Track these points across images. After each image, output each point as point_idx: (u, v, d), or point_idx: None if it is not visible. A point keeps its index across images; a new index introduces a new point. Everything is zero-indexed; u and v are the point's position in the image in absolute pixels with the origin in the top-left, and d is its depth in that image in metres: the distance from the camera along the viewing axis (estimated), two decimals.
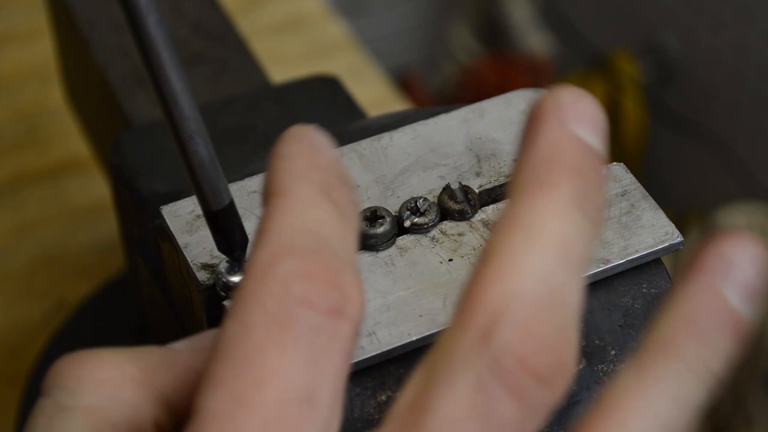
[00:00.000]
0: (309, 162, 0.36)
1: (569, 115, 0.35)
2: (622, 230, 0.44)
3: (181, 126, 0.38)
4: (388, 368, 0.42)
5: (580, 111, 0.35)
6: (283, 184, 0.36)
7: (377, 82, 0.94)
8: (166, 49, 0.36)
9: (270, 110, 0.60)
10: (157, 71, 0.36)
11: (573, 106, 0.35)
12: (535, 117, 0.35)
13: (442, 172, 0.46)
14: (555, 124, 0.35)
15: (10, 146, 0.88)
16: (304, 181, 0.36)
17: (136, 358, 0.38)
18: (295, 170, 0.36)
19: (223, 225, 0.40)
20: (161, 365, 0.38)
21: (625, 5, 1.78)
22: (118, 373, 0.37)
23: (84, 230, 0.83)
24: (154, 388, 0.38)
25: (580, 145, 0.35)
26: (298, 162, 0.36)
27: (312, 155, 0.36)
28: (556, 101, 0.35)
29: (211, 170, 0.39)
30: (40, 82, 0.92)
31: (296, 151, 0.36)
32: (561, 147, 0.35)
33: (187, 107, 0.37)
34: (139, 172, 0.55)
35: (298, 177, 0.36)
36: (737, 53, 1.60)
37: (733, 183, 1.65)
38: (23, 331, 0.77)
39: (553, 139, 0.35)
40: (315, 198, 0.35)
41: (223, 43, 0.66)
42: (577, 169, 0.35)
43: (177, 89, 0.37)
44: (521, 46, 1.88)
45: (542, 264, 0.34)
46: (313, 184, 0.36)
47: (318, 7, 0.99)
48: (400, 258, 0.44)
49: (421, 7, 1.97)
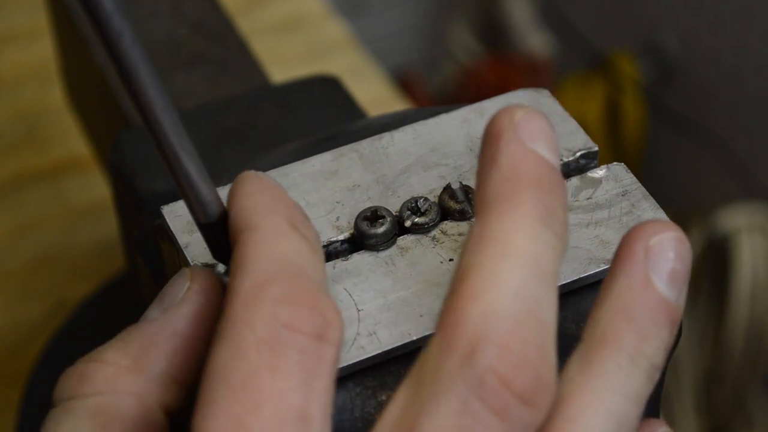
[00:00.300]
0: (272, 197, 0.38)
1: (525, 133, 0.37)
2: (622, 230, 0.44)
3: (164, 144, 0.38)
4: (389, 368, 0.42)
5: (535, 128, 0.37)
6: (252, 219, 0.38)
7: (377, 82, 0.94)
8: (144, 71, 0.36)
9: (270, 110, 0.60)
10: (135, 92, 0.36)
11: (527, 124, 0.37)
12: (493, 135, 0.37)
13: (443, 171, 0.46)
14: (513, 142, 0.36)
15: (10, 146, 0.88)
16: (273, 215, 0.38)
17: (124, 347, 0.40)
18: (261, 206, 0.38)
19: (217, 235, 0.40)
20: (147, 344, 0.40)
21: (625, 5, 1.78)
22: (112, 369, 0.39)
23: (84, 230, 0.83)
24: (149, 370, 0.39)
25: (539, 161, 0.36)
26: (262, 198, 0.38)
27: (273, 192, 0.38)
28: (511, 119, 0.37)
29: (199, 184, 0.39)
30: (40, 82, 0.92)
31: (258, 189, 0.38)
32: (521, 164, 0.36)
33: (169, 124, 0.37)
34: (138, 172, 0.55)
35: (266, 211, 0.38)
36: (737, 53, 1.61)
37: (733, 183, 1.65)
38: (23, 331, 0.77)
39: (513, 157, 0.36)
40: (286, 230, 0.37)
41: (223, 43, 0.66)
42: (539, 184, 0.36)
43: (157, 108, 0.37)
44: (521, 46, 1.88)
45: (517, 281, 0.35)
46: (281, 217, 0.38)
47: (318, 7, 0.99)
48: (400, 258, 0.44)
49: (421, 7, 1.97)
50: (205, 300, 0.40)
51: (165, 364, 0.39)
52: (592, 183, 0.46)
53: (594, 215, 0.45)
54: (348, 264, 0.44)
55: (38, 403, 0.69)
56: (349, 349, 0.41)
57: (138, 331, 0.40)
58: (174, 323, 0.40)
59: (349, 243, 0.45)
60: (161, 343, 0.40)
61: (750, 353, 1.42)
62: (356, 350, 0.41)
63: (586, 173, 0.46)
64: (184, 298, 0.40)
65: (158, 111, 0.37)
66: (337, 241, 0.44)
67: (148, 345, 0.40)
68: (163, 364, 0.39)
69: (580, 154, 0.47)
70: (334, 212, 0.45)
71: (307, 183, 0.46)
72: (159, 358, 0.39)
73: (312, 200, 0.46)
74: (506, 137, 0.36)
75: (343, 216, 0.45)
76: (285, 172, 0.47)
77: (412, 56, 1.98)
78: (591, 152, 0.47)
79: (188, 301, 0.40)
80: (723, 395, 1.46)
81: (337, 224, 0.45)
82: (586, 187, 0.46)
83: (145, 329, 0.40)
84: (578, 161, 0.47)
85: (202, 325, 0.40)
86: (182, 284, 0.41)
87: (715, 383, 1.46)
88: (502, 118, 0.37)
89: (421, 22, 1.99)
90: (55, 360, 0.70)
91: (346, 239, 0.44)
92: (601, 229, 0.44)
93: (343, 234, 0.44)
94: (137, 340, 0.40)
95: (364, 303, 0.42)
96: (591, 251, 0.44)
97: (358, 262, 0.44)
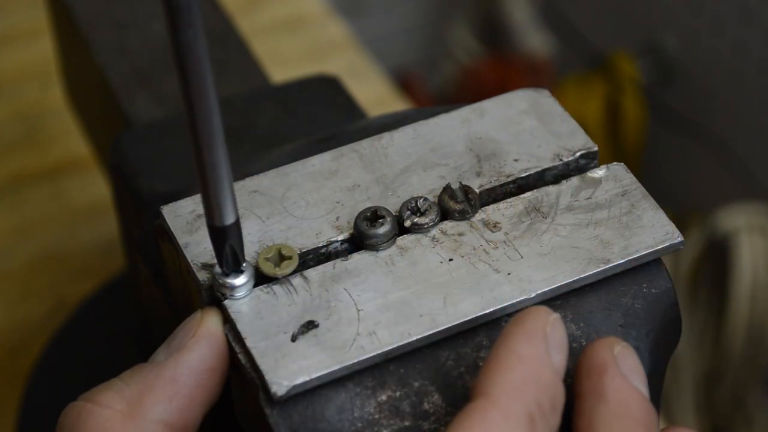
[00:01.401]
0: (528, 377, 0.39)
1: (626, 369, 0.40)
2: (622, 230, 0.44)
3: (207, 144, 0.39)
4: (388, 368, 0.42)
5: (633, 364, 0.40)
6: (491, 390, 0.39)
7: (377, 82, 0.94)
8: (209, 74, 0.38)
9: (270, 110, 0.60)
10: (194, 89, 0.38)
11: (626, 360, 0.40)
12: (596, 367, 0.40)
13: (443, 171, 0.46)
14: (618, 378, 0.40)
15: (10, 146, 0.88)
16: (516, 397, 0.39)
17: (122, 389, 0.41)
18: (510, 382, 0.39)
19: (225, 239, 0.41)
20: (144, 389, 0.41)
21: (625, 5, 1.78)
22: (107, 413, 0.40)
23: (84, 230, 0.83)
24: (141, 416, 0.40)
25: (645, 403, 0.40)
26: (516, 374, 0.39)
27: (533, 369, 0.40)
28: (611, 352, 0.40)
29: (227, 187, 0.40)
30: (40, 82, 0.92)
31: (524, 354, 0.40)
32: (629, 403, 0.39)
33: (218, 126, 0.38)
34: (139, 172, 0.55)
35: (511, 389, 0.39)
36: (737, 53, 1.60)
37: (733, 183, 1.65)
38: (23, 331, 0.77)
39: (620, 393, 0.40)
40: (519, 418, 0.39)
41: (223, 43, 0.66)
42: (647, 427, 0.39)
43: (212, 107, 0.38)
44: (521, 46, 1.88)
45: None
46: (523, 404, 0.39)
47: (318, 7, 0.99)
48: (400, 258, 0.44)
49: (421, 7, 1.97)
50: (208, 349, 0.41)
51: (159, 410, 0.40)
52: (592, 183, 0.46)
53: (594, 215, 0.45)
54: (348, 264, 0.44)
55: (38, 403, 0.69)
56: (349, 349, 0.41)
57: (139, 374, 0.41)
58: (173, 369, 0.41)
59: (349, 243, 0.45)
60: (157, 389, 0.41)
61: (750, 353, 1.42)
62: (356, 350, 0.41)
63: (586, 173, 0.46)
64: (187, 346, 0.41)
65: (213, 110, 0.38)
66: (337, 241, 0.44)
67: (144, 390, 0.41)
68: (158, 410, 0.40)
69: (580, 154, 0.47)
70: (334, 212, 0.45)
71: (307, 183, 0.46)
72: (153, 404, 0.40)
73: (312, 200, 0.46)
74: (611, 372, 0.40)
75: (343, 216, 0.45)
76: (285, 172, 0.47)
77: (412, 56, 1.97)
78: (591, 152, 0.47)
79: (190, 348, 0.41)
80: (723, 395, 1.45)
81: (337, 224, 0.45)
82: (586, 187, 0.46)
83: (145, 373, 0.41)
84: (578, 161, 0.47)
85: (203, 374, 0.41)
86: (191, 328, 0.42)
87: (715, 383, 1.46)
88: (603, 351, 0.40)
89: (421, 22, 1.98)
90: (55, 360, 0.70)
91: (346, 239, 0.44)
92: (601, 229, 0.44)
93: (343, 234, 0.44)
94: (136, 383, 0.41)
95: (364, 303, 0.42)
96: (591, 251, 0.44)
97: (358, 262, 0.44)
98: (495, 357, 0.39)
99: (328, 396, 0.41)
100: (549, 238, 0.44)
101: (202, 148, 0.39)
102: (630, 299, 0.44)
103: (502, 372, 0.38)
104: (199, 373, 0.41)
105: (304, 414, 0.41)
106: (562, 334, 0.40)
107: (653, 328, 0.44)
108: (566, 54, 1.89)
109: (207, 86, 0.38)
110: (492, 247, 0.44)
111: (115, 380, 0.41)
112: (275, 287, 0.43)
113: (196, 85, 0.38)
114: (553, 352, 0.39)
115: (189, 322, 0.42)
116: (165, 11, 0.36)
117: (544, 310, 0.40)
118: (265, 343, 0.41)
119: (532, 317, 0.40)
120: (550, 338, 0.39)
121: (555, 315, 0.40)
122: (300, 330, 0.42)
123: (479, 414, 0.38)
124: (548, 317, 0.40)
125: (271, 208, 0.45)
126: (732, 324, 1.42)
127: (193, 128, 0.38)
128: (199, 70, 0.37)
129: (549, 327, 0.40)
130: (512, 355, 0.39)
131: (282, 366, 0.40)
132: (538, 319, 0.40)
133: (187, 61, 0.37)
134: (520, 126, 0.48)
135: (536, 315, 0.40)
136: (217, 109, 0.38)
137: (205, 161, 0.39)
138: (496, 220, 0.45)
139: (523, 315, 0.40)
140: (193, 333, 0.42)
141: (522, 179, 0.46)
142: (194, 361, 0.41)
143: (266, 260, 0.43)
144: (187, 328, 0.42)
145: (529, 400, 0.38)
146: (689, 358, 1.45)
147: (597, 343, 0.41)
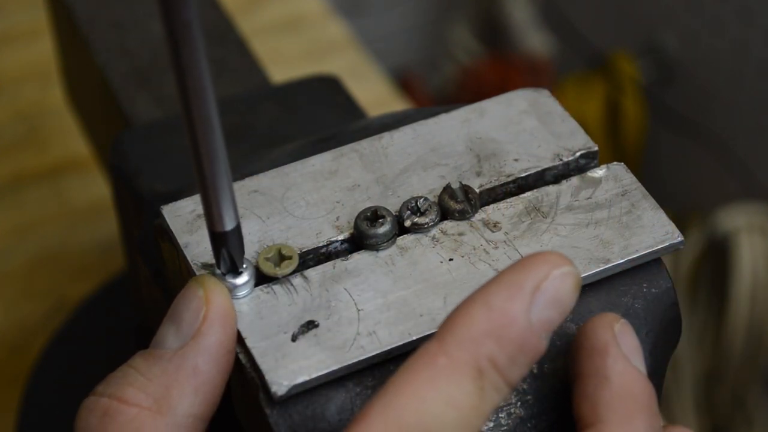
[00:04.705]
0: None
1: (627, 348, 0.40)
2: (622, 230, 0.44)
3: (206, 149, 0.38)
4: (389, 368, 0.42)
5: (632, 343, 0.40)
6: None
7: (377, 82, 0.94)
8: (207, 76, 0.37)
9: (270, 110, 0.60)
10: (192, 93, 0.37)
11: (625, 338, 0.40)
12: (597, 349, 0.40)
13: (443, 171, 0.46)
14: (620, 359, 0.40)
15: (10, 146, 0.88)
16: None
17: (146, 386, 0.40)
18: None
19: (227, 245, 0.41)
20: (169, 383, 0.40)
21: (625, 5, 1.78)
22: (134, 411, 0.39)
23: (84, 230, 0.83)
24: (171, 412, 0.39)
25: (646, 384, 0.40)
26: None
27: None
28: (611, 331, 0.40)
29: (228, 193, 0.40)
30: (40, 82, 0.92)
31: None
32: (632, 385, 0.39)
33: (218, 131, 0.38)
34: (139, 172, 0.55)
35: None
36: (737, 53, 1.60)
37: (733, 183, 1.65)
38: (23, 330, 0.77)
39: (623, 376, 0.39)
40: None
41: (223, 43, 0.66)
42: (650, 409, 0.39)
43: (212, 112, 0.38)
44: (521, 46, 1.88)
45: None
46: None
47: (318, 7, 0.99)
48: (400, 258, 0.44)
49: (421, 7, 1.97)
50: (223, 331, 0.41)
51: (187, 404, 0.40)
52: (592, 183, 0.46)
53: (594, 215, 0.45)
54: (348, 264, 0.44)
55: (38, 404, 0.69)
56: (350, 348, 0.41)
57: (157, 366, 0.40)
58: (194, 359, 0.40)
59: (349, 243, 0.45)
60: (182, 382, 0.40)
61: (750, 353, 1.42)
62: (356, 350, 0.41)
63: (586, 173, 0.46)
64: (202, 331, 0.40)
65: (212, 116, 0.37)
66: (337, 241, 0.44)
67: (170, 384, 0.40)
68: (186, 404, 0.40)
69: (580, 154, 0.47)
70: (334, 212, 0.45)
71: (307, 183, 0.46)
72: (181, 398, 0.40)
73: (312, 200, 0.46)
74: (613, 354, 0.39)
75: (343, 216, 0.45)
76: (285, 171, 0.47)
77: (412, 56, 1.97)
78: (591, 152, 0.47)
79: (206, 334, 0.40)
80: (723, 395, 1.45)
81: (337, 224, 0.45)
82: (586, 187, 0.46)
83: (164, 365, 0.40)
84: (578, 161, 0.47)
85: (222, 358, 0.41)
86: (198, 308, 0.41)
87: (715, 383, 1.46)
88: (603, 330, 0.40)
89: (421, 22, 1.98)
90: (55, 360, 0.70)
91: (346, 239, 0.44)
92: (601, 228, 0.44)
93: (343, 234, 0.44)
94: (158, 377, 0.40)
95: (364, 303, 0.42)
96: (591, 251, 0.44)
97: (358, 261, 0.44)
98: (466, 303, 0.38)
99: (328, 396, 0.41)
100: (549, 238, 0.44)
101: (202, 157, 0.39)
102: (630, 299, 0.44)
103: (463, 320, 0.37)
104: (219, 358, 0.40)
105: (304, 414, 0.41)
106: (564, 291, 0.38)
107: (653, 328, 0.44)
108: (566, 54, 1.89)
109: (207, 100, 0.37)
110: (492, 246, 0.44)
111: (130, 372, 0.40)
112: (275, 287, 0.43)
113: (195, 100, 0.37)
114: (541, 308, 0.37)
115: (193, 299, 0.41)
116: (160, 16, 0.36)
117: (552, 261, 0.38)
118: (265, 342, 0.41)
119: (526, 268, 0.38)
120: (545, 293, 0.37)
121: (563, 270, 0.38)
122: (300, 330, 0.42)
123: (428, 357, 0.37)
124: (552, 271, 0.37)
125: (271, 208, 0.45)
126: (732, 324, 1.42)
127: (192, 134, 0.38)
128: (199, 83, 0.37)
129: (548, 281, 0.37)
130: (481, 305, 0.37)
131: (282, 366, 0.40)
132: (531, 272, 0.37)
133: (185, 75, 0.36)
134: (520, 126, 0.48)
135: (532, 266, 0.38)
136: (217, 119, 0.38)
137: (205, 169, 0.39)
138: (496, 220, 0.45)
139: (519, 263, 0.38)
140: (203, 314, 0.40)
141: (522, 179, 0.46)
142: (213, 347, 0.40)
143: (266, 260, 0.43)
144: (193, 307, 0.41)
145: (482, 353, 0.37)
146: (689, 358, 1.45)
147: (596, 322, 0.40)
